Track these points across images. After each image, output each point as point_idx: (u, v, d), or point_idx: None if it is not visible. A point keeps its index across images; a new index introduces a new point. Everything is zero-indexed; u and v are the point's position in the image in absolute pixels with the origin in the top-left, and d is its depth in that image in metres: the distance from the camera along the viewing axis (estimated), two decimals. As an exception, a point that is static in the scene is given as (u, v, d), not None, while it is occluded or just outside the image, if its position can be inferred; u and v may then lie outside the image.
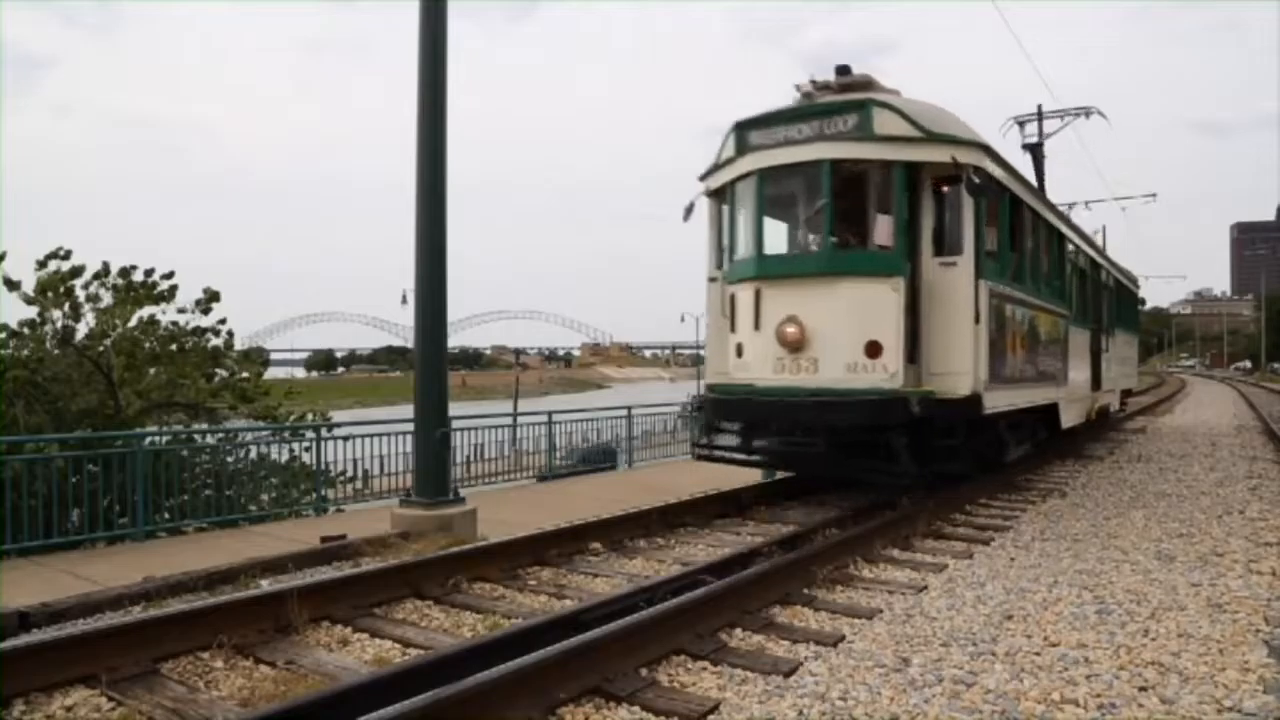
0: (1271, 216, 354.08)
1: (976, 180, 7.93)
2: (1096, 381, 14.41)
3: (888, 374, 7.75)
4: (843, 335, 7.85)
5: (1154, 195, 34.56)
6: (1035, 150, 17.89)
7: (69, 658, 4.30)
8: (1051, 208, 11.83)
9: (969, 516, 8.57)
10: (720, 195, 9.31)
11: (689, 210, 9.66)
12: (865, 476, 8.57)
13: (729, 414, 8.97)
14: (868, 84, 8.40)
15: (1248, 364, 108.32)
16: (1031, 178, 14.31)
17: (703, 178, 9.43)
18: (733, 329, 8.76)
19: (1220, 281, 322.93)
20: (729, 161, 8.85)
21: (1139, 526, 7.87)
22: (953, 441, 8.10)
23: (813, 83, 8.40)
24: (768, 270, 8.35)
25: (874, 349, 7.79)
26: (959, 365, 8.07)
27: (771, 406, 8.16)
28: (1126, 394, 21.10)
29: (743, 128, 8.68)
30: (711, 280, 9.67)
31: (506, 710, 3.64)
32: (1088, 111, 19.61)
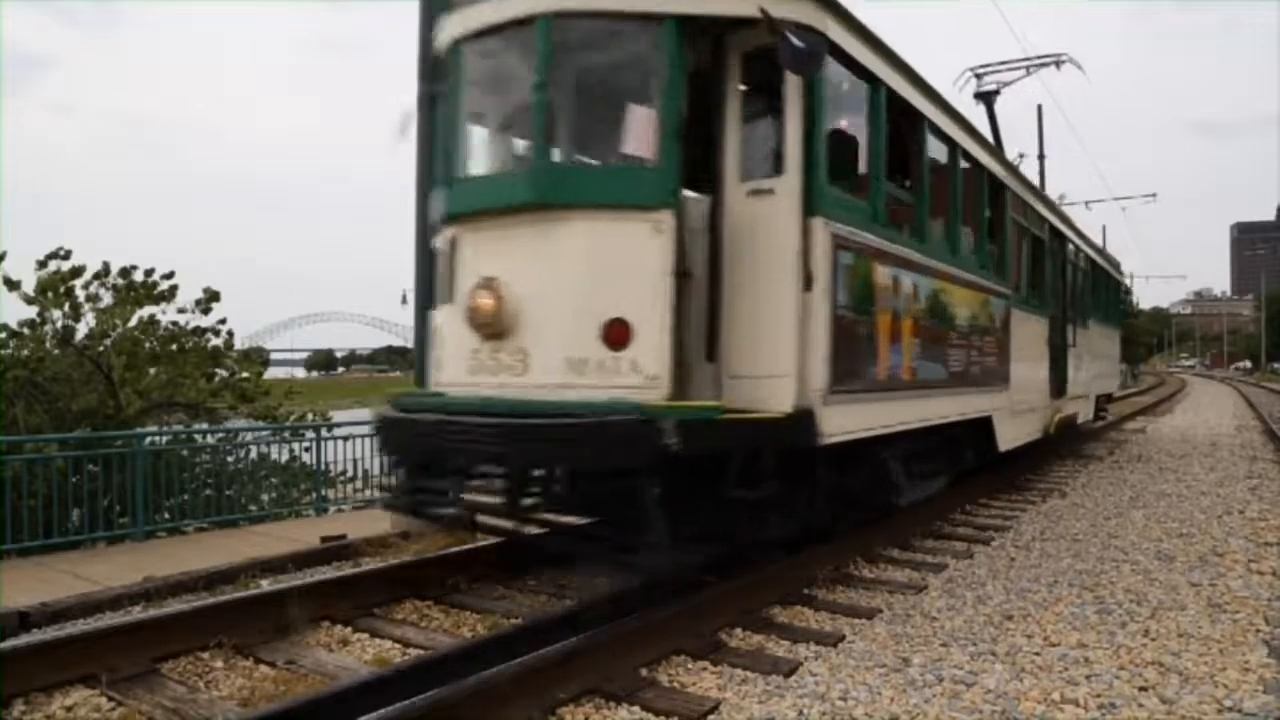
0: (1271, 216, 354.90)
1: (803, 46, 4.67)
2: (1060, 386, 11.34)
3: (642, 376, 4.74)
4: (564, 309, 4.82)
5: (1154, 195, 34.84)
6: (989, 99, 14.35)
7: (69, 658, 4.30)
8: (986, 145, 8.53)
9: (969, 516, 8.57)
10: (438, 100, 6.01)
11: (404, 124, 6.36)
12: (583, 552, 5.70)
13: (397, 444, 5.67)
14: None
15: (1248, 364, 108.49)
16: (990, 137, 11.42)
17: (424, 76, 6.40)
18: (433, 303, 5.93)
19: (1220, 281, 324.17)
20: (435, 40, 5.76)
21: (1139, 526, 7.86)
22: (756, 493, 4.94)
23: None
24: (463, 203, 5.29)
25: (617, 333, 4.75)
26: (774, 363, 5.05)
27: (446, 432, 4.91)
28: (1106, 399, 17.46)
29: None
30: None
31: (506, 710, 3.65)
32: (1058, 61, 16.17)
